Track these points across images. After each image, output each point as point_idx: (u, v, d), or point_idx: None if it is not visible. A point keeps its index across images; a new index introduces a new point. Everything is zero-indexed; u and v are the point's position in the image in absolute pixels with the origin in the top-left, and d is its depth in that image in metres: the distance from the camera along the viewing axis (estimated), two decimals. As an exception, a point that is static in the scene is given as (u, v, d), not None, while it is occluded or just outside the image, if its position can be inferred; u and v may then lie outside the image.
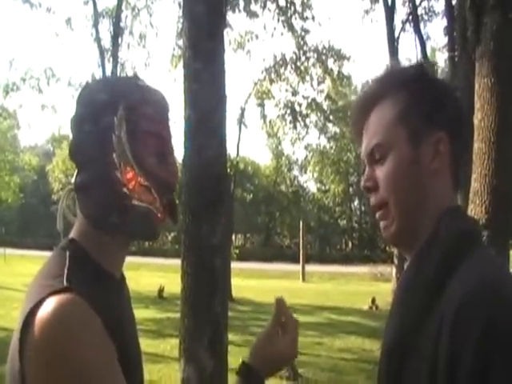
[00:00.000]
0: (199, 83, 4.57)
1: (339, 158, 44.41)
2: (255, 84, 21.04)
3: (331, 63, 20.90)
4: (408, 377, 0.96)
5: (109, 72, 16.14)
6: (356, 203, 49.99)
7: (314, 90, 21.43)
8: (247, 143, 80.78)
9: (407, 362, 0.97)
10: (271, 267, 30.44)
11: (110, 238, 1.13)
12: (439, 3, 19.02)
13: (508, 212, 4.55)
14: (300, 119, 21.69)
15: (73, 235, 1.15)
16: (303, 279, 24.68)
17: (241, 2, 17.03)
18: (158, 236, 1.21)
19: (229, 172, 13.81)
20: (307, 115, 22.05)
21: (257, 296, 16.32)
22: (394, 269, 15.66)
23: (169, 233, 42.94)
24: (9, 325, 8.93)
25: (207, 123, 4.53)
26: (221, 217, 4.55)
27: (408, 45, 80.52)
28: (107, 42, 17.14)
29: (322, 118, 24.44)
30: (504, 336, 0.83)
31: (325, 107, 23.41)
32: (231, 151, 20.21)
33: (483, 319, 0.84)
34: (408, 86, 1.09)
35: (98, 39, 16.71)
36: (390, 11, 15.46)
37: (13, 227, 50.55)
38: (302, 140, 24.40)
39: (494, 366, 0.82)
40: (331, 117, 24.62)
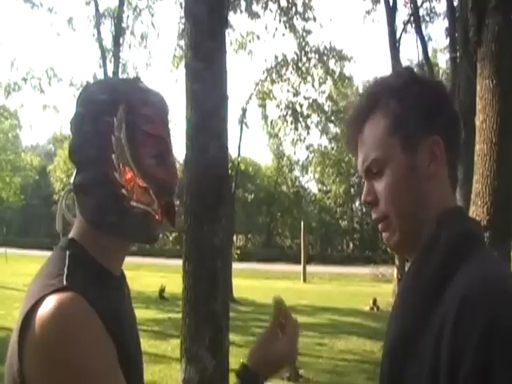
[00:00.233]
0: (201, 84, 4.57)
1: (340, 159, 44.34)
2: (256, 84, 21.03)
3: (332, 64, 20.92)
4: (409, 378, 0.96)
5: (110, 72, 16.15)
6: (357, 204, 49.88)
7: (316, 91, 21.44)
8: (248, 144, 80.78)
9: (409, 364, 0.97)
10: (272, 268, 30.40)
11: (109, 239, 1.13)
12: (441, 4, 18.99)
13: (510, 213, 4.55)
14: (301, 120, 21.68)
15: (72, 235, 1.14)
16: (304, 280, 24.65)
17: (242, 3, 17.01)
18: (157, 239, 1.20)
19: (230, 172, 13.80)
20: (308, 116, 22.03)
21: (258, 296, 16.30)
22: (395, 270, 15.66)
23: (170, 233, 42.91)
24: (10, 324, 8.92)
25: (209, 124, 4.53)
26: (222, 217, 4.55)
27: (409, 46, 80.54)
28: (109, 43, 17.16)
29: (324, 119, 24.40)
30: (505, 333, 0.83)
31: (326, 108, 23.39)
32: (232, 151, 20.23)
33: (485, 317, 0.85)
34: (397, 95, 1.09)
35: (100, 39, 16.71)
36: (392, 12, 15.44)
37: (14, 227, 50.59)
38: (304, 141, 24.35)
39: (496, 364, 0.82)
40: (333, 117, 24.56)
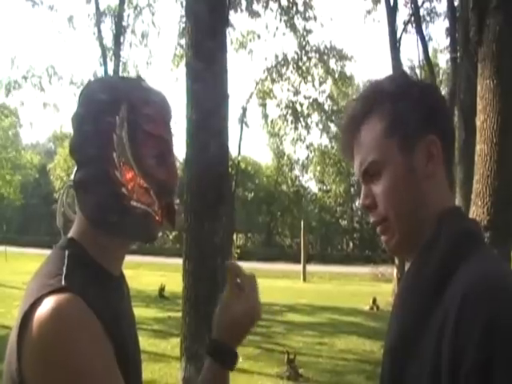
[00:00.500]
0: (201, 83, 4.57)
1: (340, 158, 44.31)
2: (257, 84, 21.05)
3: (333, 63, 20.94)
4: (410, 378, 0.96)
5: (111, 71, 16.15)
6: (357, 203, 49.89)
7: (316, 90, 21.47)
8: (248, 143, 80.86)
9: (409, 364, 0.97)
10: (272, 267, 30.36)
11: (109, 238, 1.13)
12: (441, 4, 19.03)
13: (510, 213, 4.54)
14: (301, 119, 21.69)
15: (72, 234, 1.14)
16: (304, 279, 24.63)
17: (243, 2, 17.03)
18: (156, 239, 1.19)
19: (230, 171, 13.81)
20: (308, 115, 22.05)
21: (257, 295, 16.29)
22: (395, 269, 15.64)
23: (170, 232, 42.88)
24: (9, 323, 8.93)
25: (209, 123, 4.53)
26: (222, 216, 4.55)
27: (410, 46, 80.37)
28: (109, 41, 17.17)
29: (324, 118, 24.41)
30: (506, 331, 0.84)
31: (326, 107, 23.41)
32: (233, 150, 20.26)
33: (485, 315, 0.85)
34: (393, 98, 1.09)
35: (100, 38, 16.71)
36: (392, 12, 15.43)
37: (14, 225, 50.60)
38: (304, 140, 24.37)
39: (496, 362, 0.82)
40: (333, 117, 24.57)
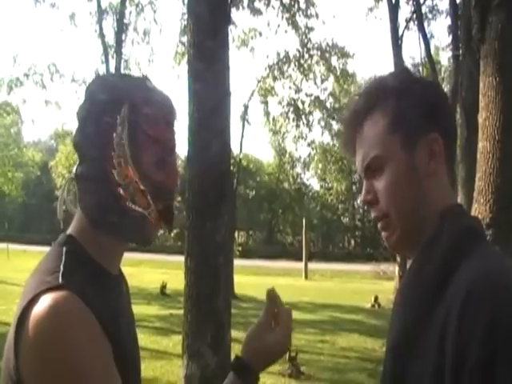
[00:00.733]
0: (203, 82, 4.57)
1: (342, 156, 44.28)
2: (258, 81, 21.03)
3: (335, 61, 20.91)
4: (413, 376, 0.96)
5: (112, 68, 16.13)
6: (359, 201, 49.69)
7: (318, 88, 21.44)
8: (250, 140, 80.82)
9: (412, 361, 0.97)
10: (274, 265, 30.41)
11: (107, 237, 1.12)
12: (443, 2, 19.05)
13: (512, 211, 4.53)
14: (303, 117, 21.67)
15: (70, 231, 1.14)
16: (306, 277, 24.67)
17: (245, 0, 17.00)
18: (151, 242, 1.19)
19: (232, 169, 13.82)
20: (310, 113, 22.02)
21: (259, 293, 16.25)
22: (397, 267, 15.63)
23: (173, 226, 42.78)
24: (11, 320, 8.84)
25: (211, 121, 4.53)
26: (224, 214, 4.55)
27: (412, 43, 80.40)
28: (111, 39, 17.14)
29: (326, 116, 24.39)
30: (509, 328, 0.84)
31: (328, 105, 23.38)
32: (234, 148, 20.19)
33: (488, 313, 0.85)
34: (396, 94, 1.09)
35: (102, 35, 16.67)
36: (394, 9, 15.38)
37: (16, 222, 50.63)
38: (305, 138, 24.35)
39: (500, 359, 0.82)
40: (335, 115, 24.53)
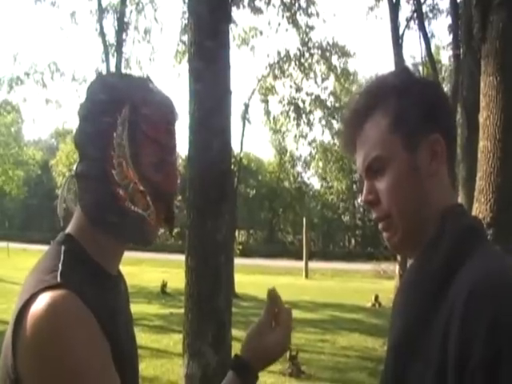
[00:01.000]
0: (203, 81, 4.57)
1: (343, 155, 44.27)
2: (259, 80, 21.02)
3: (335, 60, 20.90)
4: (414, 376, 0.96)
5: (113, 67, 16.12)
6: (359, 200, 49.84)
7: (318, 87, 21.43)
8: (251, 139, 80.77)
9: (413, 361, 0.97)
10: (274, 264, 30.40)
11: (106, 237, 1.12)
12: (444, 1, 19.03)
13: (513, 210, 4.53)
14: (304, 116, 21.67)
15: (69, 230, 1.14)
16: (306, 276, 24.67)
17: (245, -2, 16.99)
18: (151, 243, 1.18)
19: (232, 168, 13.83)
20: (311, 112, 22.02)
21: (259, 292, 16.26)
22: (397, 266, 15.60)
23: (173, 227, 42.74)
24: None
25: (212, 120, 4.53)
26: (225, 213, 4.55)
27: (412, 42, 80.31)
28: (112, 37, 17.13)
29: (326, 115, 24.38)
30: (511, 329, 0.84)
31: (329, 104, 23.37)
32: (235, 147, 20.18)
33: (491, 313, 0.85)
34: (397, 93, 1.08)
35: (103, 34, 16.66)
36: (395, 8, 15.36)
37: (16, 221, 50.65)
38: (306, 137, 24.35)
39: (503, 358, 0.82)
40: (335, 114, 24.51)
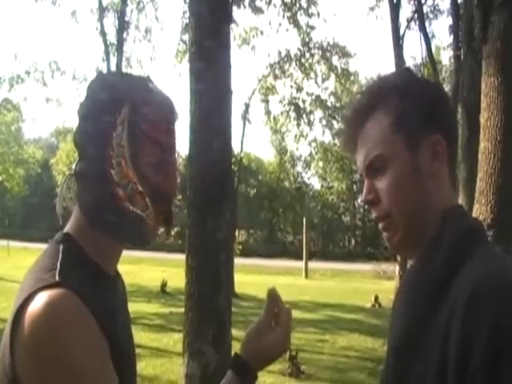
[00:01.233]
0: (204, 81, 4.57)
1: (343, 155, 44.25)
2: (260, 80, 21.02)
3: (336, 60, 20.90)
4: (415, 377, 0.96)
5: (113, 66, 16.12)
6: (360, 200, 49.81)
7: (319, 87, 21.44)
8: (251, 139, 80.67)
9: (414, 362, 0.97)
10: (274, 263, 30.39)
11: (104, 236, 1.12)
12: (444, 1, 19.03)
13: (513, 211, 4.53)
14: (304, 116, 21.67)
15: (68, 229, 1.14)
16: (306, 276, 24.65)
17: (246, -2, 16.98)
18: (149, 244, 1.18)
19: (233, 168, 13.84)
20: (311, 112, 22.02)
21: (259, 292, 16.27)
22: (397, 267, 15.61)
23: (172, 228, 42.74)
24: (12, 318, 8.94)
25: (213, 120, 4.53)
26: (225, 212, 4.55)
27: (413, 43, 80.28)
28: (112, 36, 17.12)
29: (327, 115, 24.38)
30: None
31: (329, 104, 23.37)
32: (235, 147, 20.18)
33: (492, 313, 0.85)
34: (399, 93, 1.08)
35: (103, 33, 16.66)
36: (395, 9, 15.35)
37: (16, 220, 50.66)
38: (306, 137, 24.35)
39: (505, 358, 0.82)
40: (335, 114, 24.50)
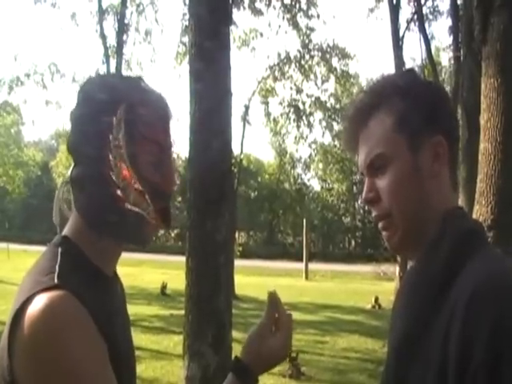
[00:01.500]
0: (204, 82, 4.57)
1: (343, 157, 44.27)
2: (259, 82, 21.04)
3: (336, 62, 20.94)
4: (415, 378, 0.96)
5: (113, 68, 16.13)
6: (360, 202, 49.84)
7: (318, 89, 21.47)
8: (251, 141, 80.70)
9: (414, 363, 0.97)
10: (274, 265, 30.37)
11: (103, 238, 1.12)
12: (444, 3, 19.07)
13: (514, 212, 4.53)
14: (304, 118, 21.70)
15: (66, 232, 1.13)
16: (306, 277, 24.64)
17: (246, 0, 17.01)
18: (149, 242, 1.18)
19: (232, 169, 13.84)
20: (311, 113, 22.05)
21: (259, 294, 16.26)
22: (397, 268, 15.61)
23: (172, 230, 42.88)
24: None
25: (212, 121, 4.53)
26: (225, 214, 4.55)
27: (413, 44, 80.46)
28: (112, 39, 17.13)
29: (326, 116, 24.40)
30: None
31: (329, 106, 23.39)
32: (235, 148, 20.18)
33: (493, 315, 0.85)
34: (401, 94, 1.08)
35: (103, 35, 16.67)
36: (395, 10, 15.37)
37: (16, 222, 50.63)
38: (306, 139, 24.39)
39: (506, 359, 0.82)
40: (335, 115, 24.51)
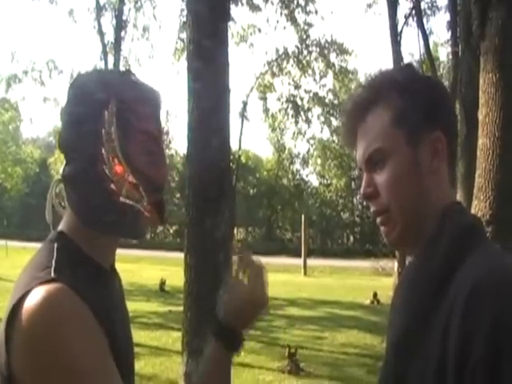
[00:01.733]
0: (202, 79, 4.56)
1: (341, 152, 44.28)
2: (257, 78, 21.03)
3: (334, 57, 20.93)
4: (414, 374, 0.96)
5: (111, 65, 16.11)
6: (358, 197, 49.88)
7: (317, 84, 21.48)
8: (249, 137, 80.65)
9: (414, 359, 0.97)
10: (273, 261, 30.25)
11: (98, 233, 1.12)
12: (443, -3, 18.97)
13: (512, 208, 4.53)
14: (302, 113, 21.70)
15: (61, 228, 1.13)
16: (305, 273, 24.66)
17: (244, -5, 16.99)
18: (144, 235, 1.19)
19: (231, 166, 13.85)
20: (309, 109, 22.06)
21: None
22: (396, 263, 15.64)
23: (170, 226, 42.91)
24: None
25: (211, 118, 4.53)
26: (224, 210, 4.55)
27: (411, 39, 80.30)
28: (110, 35, 17.09)
29: (325, 112, 24.40)
30: None
31: (327, 101, 23.40)
32: (233, 144, 20.15)
33: (493, 310, 0.85)
34: (400, 89, 1.08)
35: (101, 32, 16.65)
36: (393, 5, 15.34)
37: (15, 219, 50.62)
38: (304, 135, 24.40)
39: (505, 354, 0.82)
40: (333, 111, 24.51)
